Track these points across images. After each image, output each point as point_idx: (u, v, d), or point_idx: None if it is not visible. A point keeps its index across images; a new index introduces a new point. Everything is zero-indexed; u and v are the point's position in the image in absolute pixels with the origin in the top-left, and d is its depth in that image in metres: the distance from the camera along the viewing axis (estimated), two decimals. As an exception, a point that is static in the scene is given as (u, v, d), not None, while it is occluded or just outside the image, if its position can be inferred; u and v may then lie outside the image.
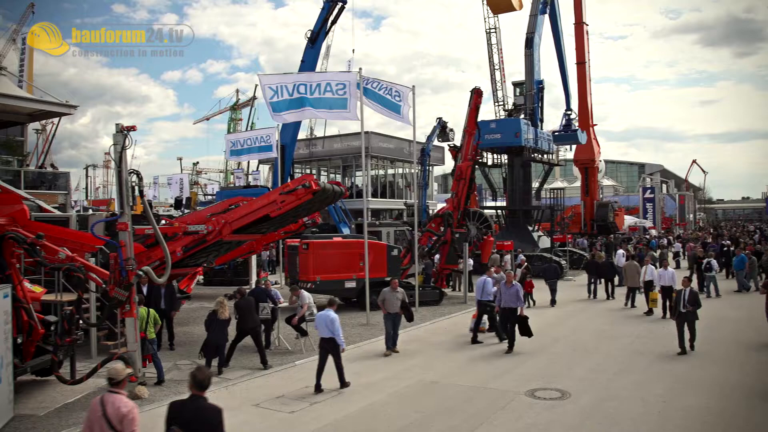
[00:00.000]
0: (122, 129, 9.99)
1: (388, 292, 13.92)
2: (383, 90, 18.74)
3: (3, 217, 16.61)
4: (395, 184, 47.80)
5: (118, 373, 5.60)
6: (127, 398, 5.57)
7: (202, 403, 5.28)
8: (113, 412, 5.34)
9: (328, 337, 10.75)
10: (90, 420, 5.47)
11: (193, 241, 13.72)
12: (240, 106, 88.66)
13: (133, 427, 5.36)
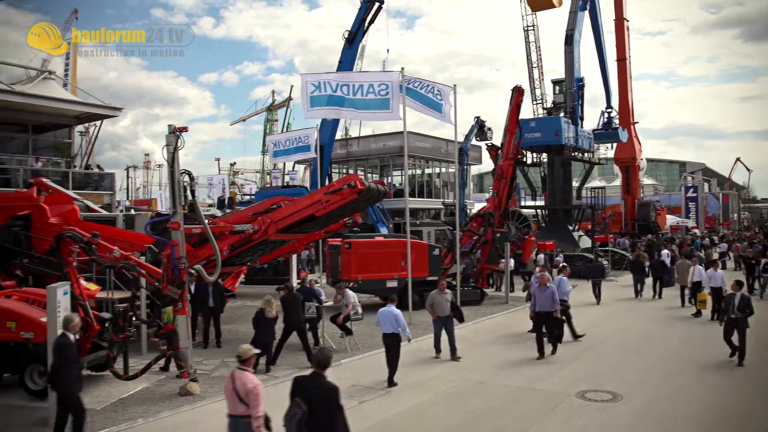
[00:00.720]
0: (174, 130, 10.19)
1: (436, 294, 13.24)
2: (425, 89, 18.68)
3: (56, 217, 17.18)
4: (432, 184, 47.70)
5: (245, 352, 6.53)
6: (253, 375, 6.43)
7: (322, 380, 5.97)
8: (241, 386, 6.19)
9: (391, 332, 11.14)
10: (225, 393, 6.47)
11: (239, 240, 13.89)
12: (276, 107, 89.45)
13: (257, 400, 6.13)
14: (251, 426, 6.07)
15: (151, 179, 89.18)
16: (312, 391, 5.83)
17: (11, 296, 11.11)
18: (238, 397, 6.17)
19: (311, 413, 5.68)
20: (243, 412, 6.17)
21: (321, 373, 6.02)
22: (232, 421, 6.29)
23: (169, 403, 10.08)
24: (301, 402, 5.71)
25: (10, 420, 9.24)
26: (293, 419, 5.67)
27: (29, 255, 16.64)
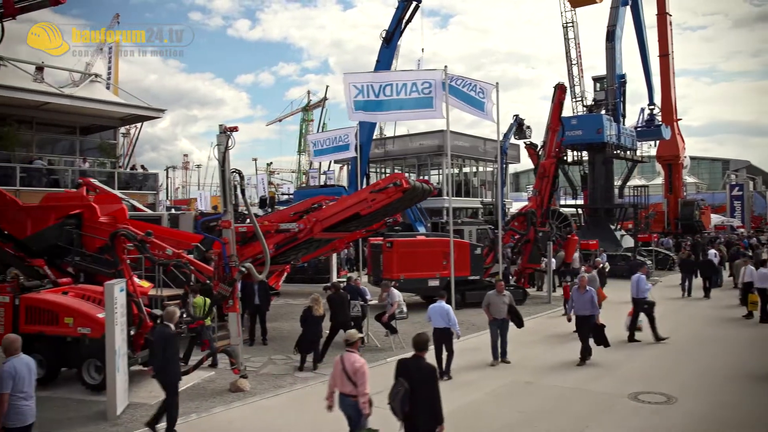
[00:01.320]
0: (225, 130, 10.32)
1: (494, 295, 12.61)
2: (467, 87, 18.59)
3: (105, 216, 17.58)
4: (470, 183, 47.46)
5: (352, 336, 7.39)
6: (360, 356, 7.17)
7: (422, 362, 6.73)
8: (350, 366, 6.96)
9: (443, 327, 11.26)
10: (334, 374, 7.19)
11: (284, 238, 14.00)
12: (311, 107, 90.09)
13: (363, 378, 6.89)
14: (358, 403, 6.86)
15: (190, 179, 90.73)
16: (413, 371, 6.59)
17: (68, 293, 11.39)
18: (347, 376, 6.92)
19: (413, 390, 6.42)
20: (351, 391, 6.95)
21: (421, 355, 6.79)
22: (342, 398, 7.10)
23: (221, 398, 10.21)
24: (403, 381, 6.49)
25: (70, 413, 9.48)
26: (397, 396, 6.45)
27: (80, 253, 17.10)
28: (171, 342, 8.52)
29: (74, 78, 35.15)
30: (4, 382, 6.38)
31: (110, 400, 9.16)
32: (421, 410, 6.47)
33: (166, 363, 8.43)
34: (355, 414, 7.00)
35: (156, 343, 8.61)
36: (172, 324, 8.72)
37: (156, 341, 8.63)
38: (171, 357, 8.49)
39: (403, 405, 6.42)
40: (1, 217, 17.57)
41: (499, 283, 12.93)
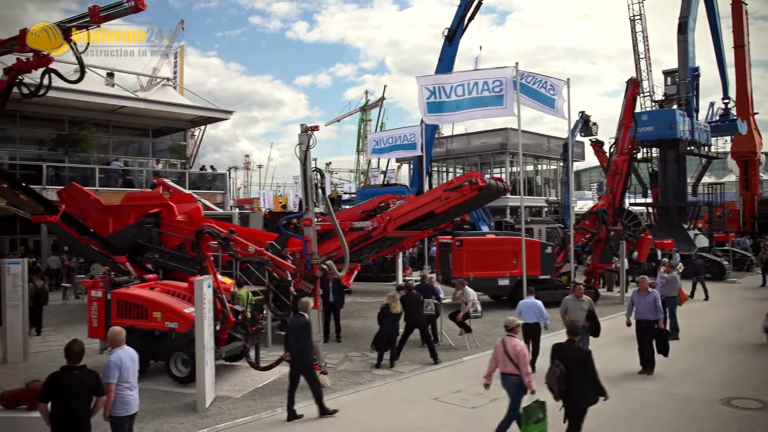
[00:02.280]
0: (306, 129, 10.47)
1: (571, 300, 11.70)
2: (537, 84, 18.24)
3: (182, 215, 18.12)
4: (534, 181, 46.71)
5: (511, 322, 8.15)
6: (519, 339, 7.97)
7: (576, 345, 7.62)
8: (511, 349, 7.72)
9: (533, 322, 11.42)
10: (495, 356, 7.95)
11: (358, 237, 14.15)
12: (369, 107, 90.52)
13: (524, 360, 7.67)
14: (520, 382, 7.65)
15: (251, 179, 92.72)
16: (568, 354, 7.35)
17: (154, 288, 11.79)
18: (509, 358, 7.68)
19: (568, 371, 7.12)
20: (512, 371, 7.70)
21: (574, 339, 7.64)
22: (504, 378, 7.87)
23: (303, 394, 10.30)
24: (559, 362, 7.20)
25: (160, 404, 9.81)
26: (554, 376, 7.16)
27: (159, 250, 17.71)
28: (305, 330, 9.17)
29: (142, 82, 36.50)
30: (110, 372, 6.65)
31: (199, 393, 9.43)
32: (577, 388, 7.16)
33: (302, 349, 9.06)
34: (516, 391, 7.78)
35: (292, 331, 9.25)
36: (306, 314, 9.32)
37: (292, 330, 9.27)
38: (305, 344, 9.13)
39: (560, 384, 7.14)
40: (86, 216, 18.43)
41: (577, 288, 11.95)
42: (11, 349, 12.74)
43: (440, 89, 16.44)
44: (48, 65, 15.57)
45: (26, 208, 16.50)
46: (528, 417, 7.53)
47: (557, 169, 47.38)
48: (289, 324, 9.44)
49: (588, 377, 7.25)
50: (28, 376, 11.56)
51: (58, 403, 6.14)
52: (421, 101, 16.44)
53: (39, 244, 27.74)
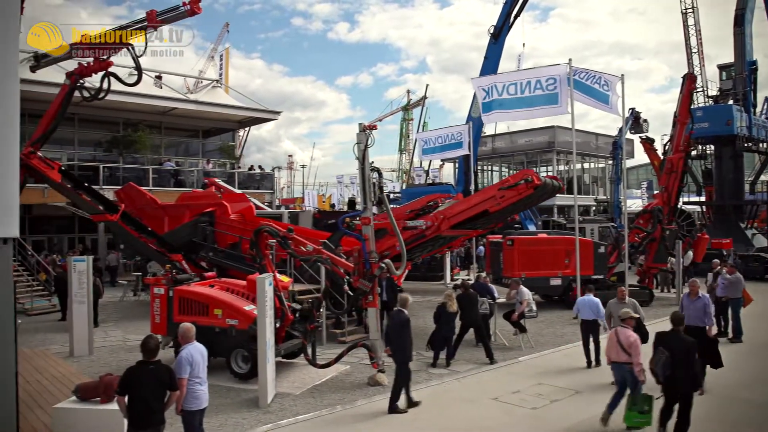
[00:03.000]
0: (364, 128, 10.50)
1: (614, 304, 11.06)
2: (591, 80, 17.94)
3: (235, 214, 18.42)
4: (582, 179, 45.93)
5: (626, 314, 8.60)
6: (632, 331, 8.34)
7: (680, 334, 7.85)
8: (624, 339, 8.19)
9: (591, 319, 11.47)
10: (609, 345, 8.43)
11: (411, 236, 14.11)
12: (411, 106, 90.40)
13: (637, 350, 8.08)
14: (633, 371, 8.05)
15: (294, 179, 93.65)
16: (673, 342, 7.71)
17: (214, 286, 12.00)
18: (621, 348, 8.14)
19: (672, 358, 7.52)
20: (625, 360, 8.16)
21: (678, 329, 7.88)
22: (616, 366, 8.38)
23: (361, 392, 10.41)
24: (663, 349, 7.60)
25: (222, 399, 9.98)
26: (659, 362, 7.58)
27: (213, 248, 18.07)
28: (406, 325, 9.42)
29: (189, 84, 37.24)
30: (182, 367, 6.79)
31: (261, 389, 9.57)
32: (681, 374, 7.53)
33: (403, 344, 9.32)
34: (631, 379, 8.16)
35: (393, 326, 9.50)
36: (406, 309, 9.58)
37: (393, 325, 9.51)
38: (406, 339, 9.38)
39: (665, 370, 7.54)
40: (143, 215, 18.92)
41: (620, 290, 11.35)
42: (77, 343, 13.16)
43: (494, 89, 16.39)
44: (107, 69, 16.09)
45: (87, 208, 17.06)
46: (633, 404, 8.04)
47: (605, 167, 46.49)
48: (391, 320, 9.69)
49: (691, 366, 7.58)
50: (95, 369, 12.01)
51: (135, 396, 6.31)
52: (477, 101, 16.44)
53: (96, 242, 28.62)
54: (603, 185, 46.67)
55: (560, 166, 44.31)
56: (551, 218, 35.21)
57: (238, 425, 8.84)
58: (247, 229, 17.50)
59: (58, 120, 16.57)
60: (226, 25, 63.76)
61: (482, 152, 43.35)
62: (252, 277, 11.20)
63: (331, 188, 77.34)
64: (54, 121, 16.43)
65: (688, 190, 36.36)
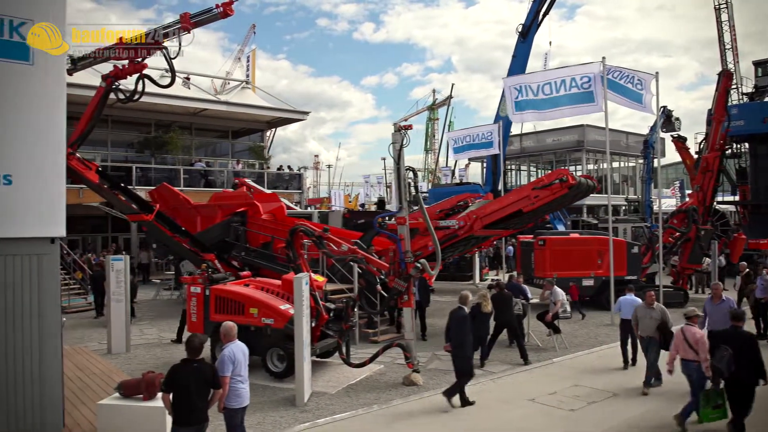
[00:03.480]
0: (400, 128, 10.51)
1: (642, 308, 10.65)
2: (624, 79, 17.72)
3: (267, 214, 18.55)
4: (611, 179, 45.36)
5: (692, 312, 8.91)
6: (697, 328, 8.62)
7: (740, 330, 8.08)
8: (690, 336, 8.43)
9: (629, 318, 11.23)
10: (676, 343, 8.70)
11: (444, 236, 14.10)
12: (437, 105, 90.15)
13: (704, 347, 8.21)
14: (701, 367, 8.24)
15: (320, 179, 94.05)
16: (733, 338, 7.91)
17: (249, 285, 12.11)
18: (689, 345, 8.38)
19: (735, 354, 7.69)
20: (693, 357, 8.36)
21: (738, 324, 8.14)
22: (685, 363, 8.56)
23: (397, 391, 10.43)
24: (726, 347, 7.76)
25: (259, 397, 10.05)
26: (723, 359, 7.75)
27: (246, 248, 18.23)
28: (465, 322, 9.67)
29: (216, 85, 37.62)
30: (225, 366, 6.87)
31: (298, 388, 9.63)
32: (745, 368, 7.71)
33: (463, 340, 9.55)
34: (697, 376, 8.36)
35: (453, 323, 9.69)
36: (466, 307, 9.90)
37: (453, 322, 9.70)
38: (466, 335, 9.62)
39: (729, 366, 7.70)
40: (176, 215, 19.17)
41: (649, 294, 10.76)
42: (115, 340, 13.40)
43: (527, 88, 16.30)
44: (142, 71, 16.33)
45: (124, 208, 17.34)
46: (707, 402, 8.14)
47: (636, 166, 45.83)
48: (451, 317, 9.84)
49: (755, 358, 7.74)
50: (132, 366, 12.22)
51: (179, 393, 6.40)
52: (509, 101, 16.38)
53: (128, 241, 29.09)
54: (633, 184, 46.00)
55: (589, 165, 43.77)
56: (580, 218, 34.76)
57: (276, 423, 8.92)
58: (278, 229, 17.65)
59: (94, 122, 16.84)
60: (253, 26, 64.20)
61: (510, 151, 43.06)
62: (287, 276, 11.27)
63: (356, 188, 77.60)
64: (90, 122, 16.69)
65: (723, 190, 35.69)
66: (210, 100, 31.24)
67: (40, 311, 7.25)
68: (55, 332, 7.40)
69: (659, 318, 10.37)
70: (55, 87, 7.64)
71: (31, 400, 7.31)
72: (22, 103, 7.32)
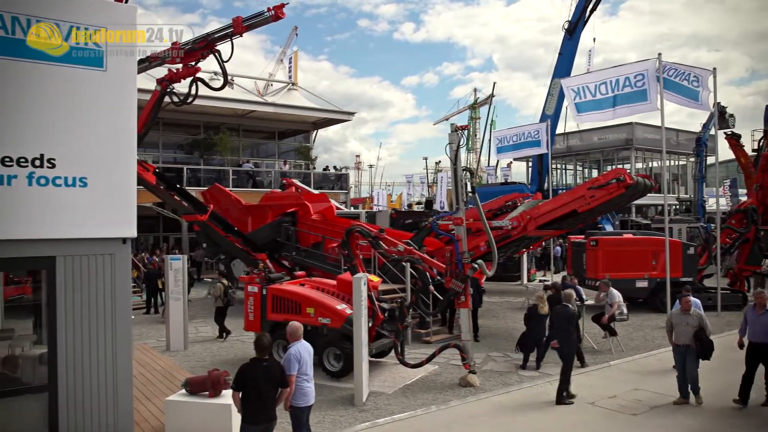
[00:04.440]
0: (456, 128, 10.49)
1: (677, 314, 9.84)
2: (680, 76, 17.31)
3: (316, 214, 18.73)
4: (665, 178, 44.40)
5: None
6: None
7: None
8: None
9: None
10: None
11: (497, 236, 13.99)
12: (478, 104, 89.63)
13: None
14: None
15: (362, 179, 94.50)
16: None
17: (304, 285, 12.25)
18: None
19: None
20: None
21: None
22: None
23: (453, 392, 10.40)
24: None
25: (317, 397, 10.12)
26: None
27: (296, 248, 18.45)
28: (571, 319, 10.07)
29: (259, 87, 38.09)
30: (291, 365, 6.97)
31: (357, 388, 9.71)
32: None
33: (568, 337, 9.89)
34: None
35: (559, 320, 10.08)
36: (570, 304, 10.19)
37: (559, 319, 10.10)
38: (571, 332, 10.03)
39: None
40: (227, 215, 19.53)
41: (684, 300, 9.82)
42: (173, 338, 13.72)
43: (584, 89, 16.15)
44: (195, 75, 16.69)
45: (179, 208, 17.76)
46: None
47: (687, 164, 44.69)
48: (556, 314, 10.25)
49: None
50: (191, 363, 12.50)
51: (249, 392, 6.51)
52: (569, 103, 16.33)
53: (179, 240, 29.76)
54: (684, 183, 44.86)
55: (638, 164, 42.82)
56: (629, 218, 34.05)
57: (336, 422, 9.01)
58: (328, 229, 17.81)
59: (149, 125, 17.31)
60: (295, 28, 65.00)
61: (556, 150, 42.41)
62: (343, 276, 11.37)
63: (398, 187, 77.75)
64: (146, 125, 17.15)
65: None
66: (257, 102, 31.72)
67: (113, 309, 7.47)
68: (127, 329, 7.62)
69: (696, 325, 9.50)
70: (127, 92, 7.86)
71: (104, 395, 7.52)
72: (96, 108, 7.55)
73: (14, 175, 6.93)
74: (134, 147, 8.03)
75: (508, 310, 19.18)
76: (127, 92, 7.87)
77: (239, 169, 30.08)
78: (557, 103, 32.58)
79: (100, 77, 7.64)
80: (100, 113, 7.55)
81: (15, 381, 7.30)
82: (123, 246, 7.70)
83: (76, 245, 7.28)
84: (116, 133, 7.63)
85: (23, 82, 6.97)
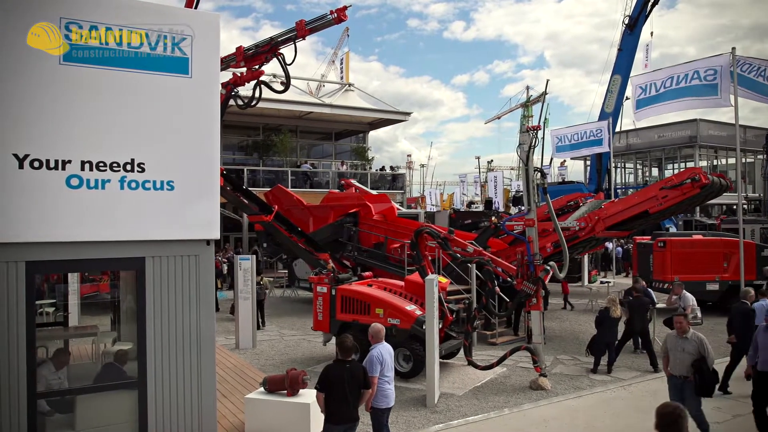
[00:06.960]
0: (528, 129, 10.39)
1: (672, 338, 8.07)
2: (754, 72, 16.68)
3: (378, 214, 18.84)
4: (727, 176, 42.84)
5: None
6: None
7: None
8: None
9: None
10: None
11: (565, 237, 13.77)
12: (531, 102, 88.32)
13: None
14: None
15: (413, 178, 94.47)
16: None
17: (372, 285, 12.33)
18: None
19: None
20: None
21: None
22: None
23: (525, 395, 10.31)
24: None
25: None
26: None
27: (358, 248, 18.61)
28: (751, 316, 9.95)
29: (311, 88, 38.49)
30: (373, 366, 7.03)
31: (429, 389, 9.74)
32: None
33: (746, 333, 9.59)
34: None
35: (738, 317, 10.25)
36: (748, 301, 10.33)
37: (738, 316, 10.27)
38: (750, 329, 9.47)
39: None
40: (289, 216, 19.84)
41: (678, 319, 8.02)
42: (242, 336, 14.04)
43: (650, 85, 15.85)
44: (259, 78, 17.01)
45: (245, 209, 18.16)
46: None
47: (755, 162, 43.00)
48: (733, 311, 10.44)
49: None
50: (260, 361, 12.77)
51: (333, 393, 6.60)
52: (632, 99, 16.01)
53: (239, 240, 30.40)
54: (752, 181, 43.15)
55: (703, 162, 41.41)
56: (693, 218, 32.96)
57: (410, 423, 9.04)
58: (390, 230, 17.89)
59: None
60: (346, 30, 65.54)
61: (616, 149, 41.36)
62: (412, 277, 11.39)
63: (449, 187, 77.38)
64: (213, 128, 17.56)
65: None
66: (315, 103, 32.11)
67: (198, 308, 7.69)
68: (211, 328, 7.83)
69: (695, 352, 7.76)
70: (211, 97, 8.08)
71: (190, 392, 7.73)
72: (181, 113, 7.78)
73: (108, 180, 7.21)
74: (217, 151, 8.26)
75: (572, 312, 18.85)
76: (211, 98, 8.10)
77: (297, 170, 30.51)
78: (617, 101, 31.89)
79: (185, 84, 7.87)
80: (186, 119, 7.78)
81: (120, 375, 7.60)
82: (207, 247, 7.91)
83: (163, 246, 7.52)
84: (200, 137, 7.86)
85: (116, 90, 7.26)
